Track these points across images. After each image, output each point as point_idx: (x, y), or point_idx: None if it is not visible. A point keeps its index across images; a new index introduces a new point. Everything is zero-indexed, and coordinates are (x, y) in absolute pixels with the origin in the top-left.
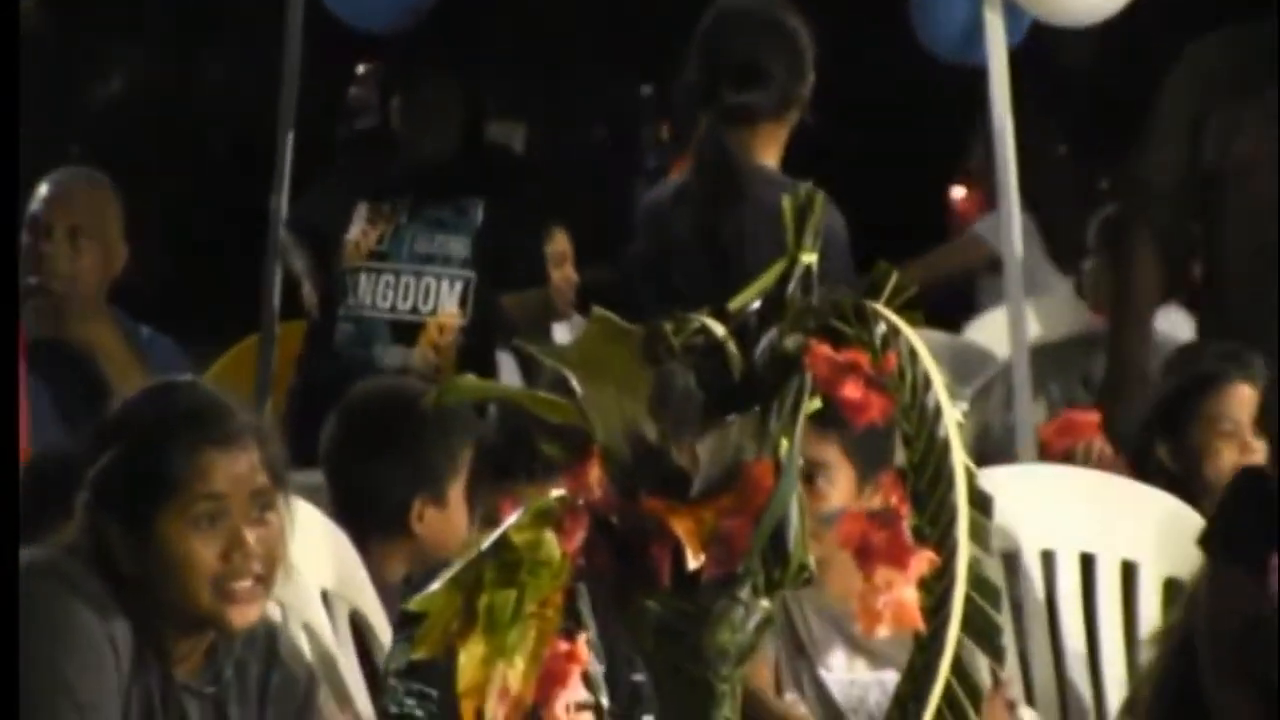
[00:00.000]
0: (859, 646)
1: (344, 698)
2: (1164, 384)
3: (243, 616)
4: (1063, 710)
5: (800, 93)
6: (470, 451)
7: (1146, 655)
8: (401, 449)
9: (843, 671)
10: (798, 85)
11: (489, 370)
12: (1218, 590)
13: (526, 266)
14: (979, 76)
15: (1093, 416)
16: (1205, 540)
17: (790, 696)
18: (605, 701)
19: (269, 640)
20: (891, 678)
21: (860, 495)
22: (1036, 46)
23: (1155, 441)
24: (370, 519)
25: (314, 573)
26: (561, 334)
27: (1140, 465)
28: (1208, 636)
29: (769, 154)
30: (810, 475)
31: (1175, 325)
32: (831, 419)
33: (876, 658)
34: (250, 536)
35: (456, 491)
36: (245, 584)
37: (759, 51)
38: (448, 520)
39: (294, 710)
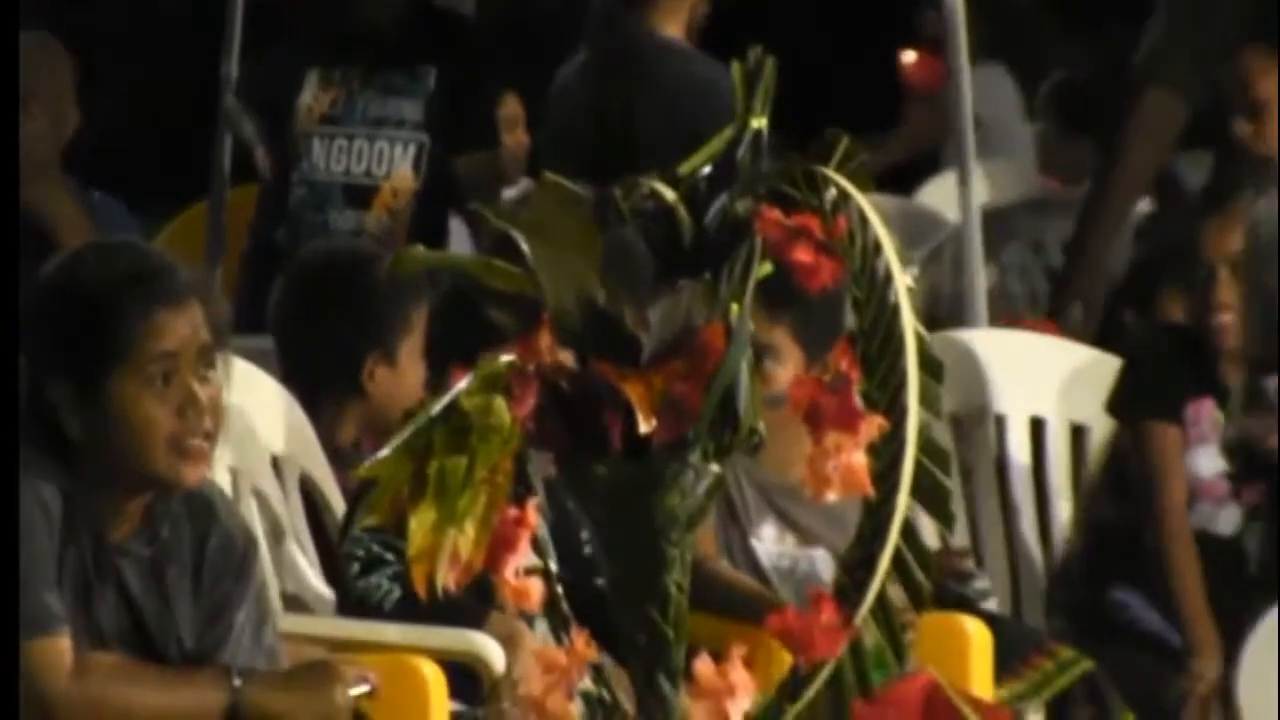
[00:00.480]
0: (790, 522)
1: (293, 561)
2: (1134, 251)
3: (195, 474)
4: (1012, 573)
5: None
6: (422, 311)
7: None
8: (352, 307)
9: (772, 544)
10: None
11: (441, 234)
12: (1141, 448)
13: (478, 130)
14: None
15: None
16: (1113, 405)
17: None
18: (554, 566)
19: (206, 502)
20: (820, 555)
21: None
22: None
23: (1122, 308)
24: (321, 379)
25: (264, 438)
26: (511, 197)
27: (1106, 331)
28: (1142, 493)
29: (671, 25)
30: (758, 357)
31: None
32: (781, 300)
33: (806, 535)
34: (201, 394)
35: (408, 350)
36: (198, 441)
37: None
38: (399, 379)
39: (232, 573)
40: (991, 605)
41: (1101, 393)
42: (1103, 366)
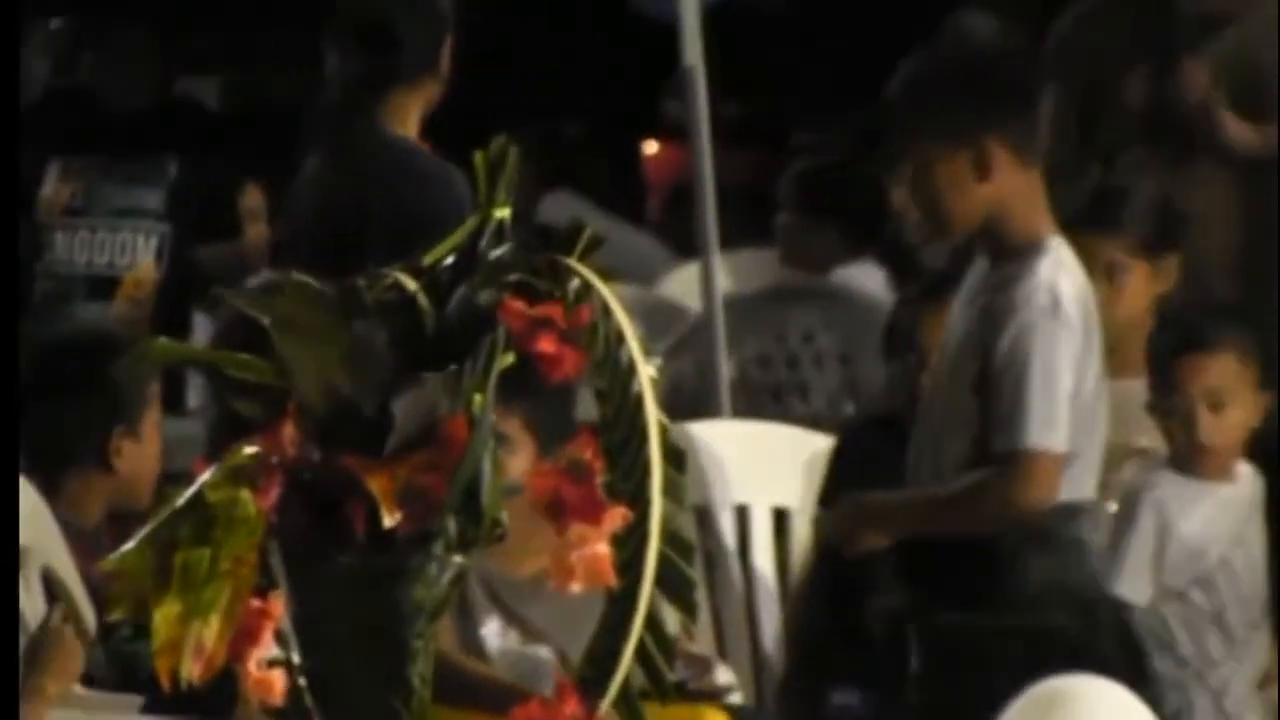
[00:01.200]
0: (515, 618)
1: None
2: None
3: None
4: (755, 662)
5: (437, 57)
6: (158, 383)
7: None
8: (95, 384)
9: (496, 639)
10: (433, 49)
11: (185, 324)
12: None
13: (220, 220)
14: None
15: None
16: (824, 498)
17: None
18: (296, 658)
19: None
20: (544, 654)
21: None
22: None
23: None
24: (67, 460)
25: None
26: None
27: None
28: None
29: (401, 122)
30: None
31: (869, 279)
32: (515, 390)
33: (531, 632)
34: None
35: (149, 422)
36: None
37: (388, 13)
38: (143, 451)
39: None
40: (735, 698)
41: None
42: None
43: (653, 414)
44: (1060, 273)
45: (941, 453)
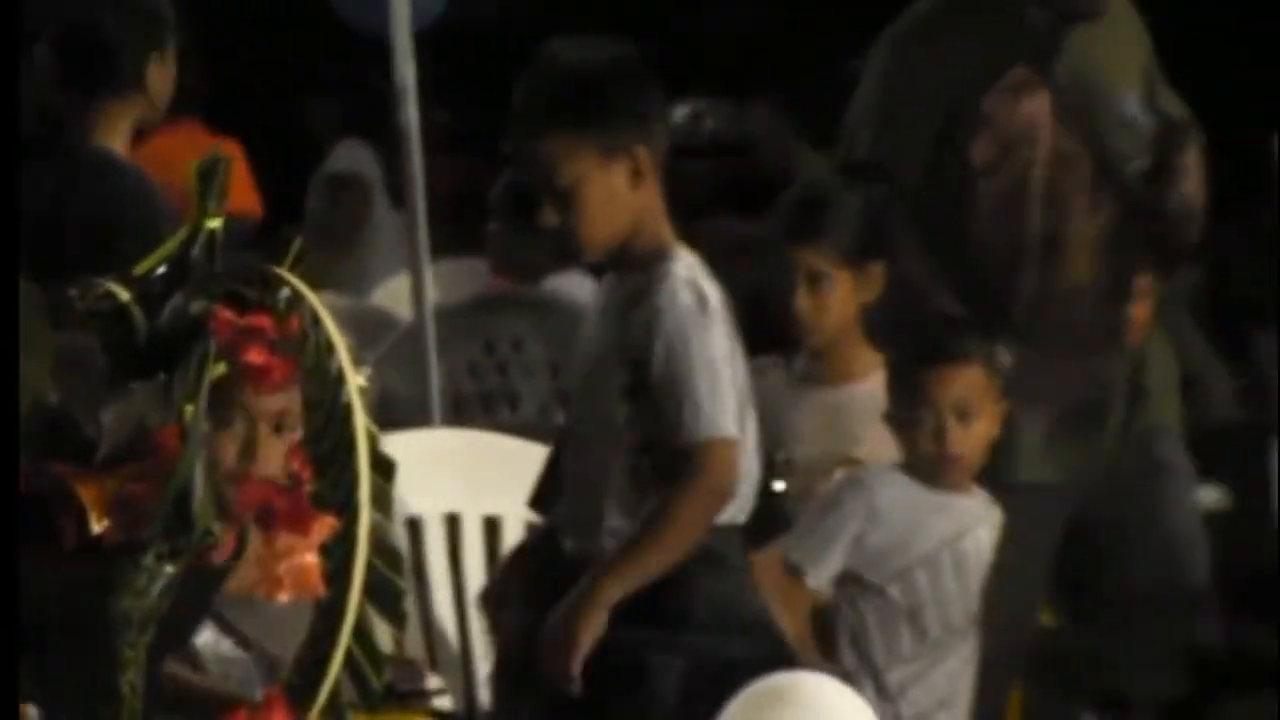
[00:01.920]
0: (229, 628)
1: None
2: None
3: None
4: (466, 672)
5: (147, 71)
6: None
7: None
8: None
9: (211, 649)
10: (144, 63)
11: None
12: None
13: None
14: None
15: None
16: (534, 500)
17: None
18: None
19: None
20: (256, 659)
21: None
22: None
23: None
24: None
25: None
26: None
27: None
28: None
29: (109, 137)
30: None
31: (578, 289)
32: None
33: (244, 641)
34: None
35: None
36: None
37: (99, 23)
38: None
39: None
40: (445, 703)
41: None
42: None
43: (361, 423)
44: (698, 273)
45: (594, 466)
